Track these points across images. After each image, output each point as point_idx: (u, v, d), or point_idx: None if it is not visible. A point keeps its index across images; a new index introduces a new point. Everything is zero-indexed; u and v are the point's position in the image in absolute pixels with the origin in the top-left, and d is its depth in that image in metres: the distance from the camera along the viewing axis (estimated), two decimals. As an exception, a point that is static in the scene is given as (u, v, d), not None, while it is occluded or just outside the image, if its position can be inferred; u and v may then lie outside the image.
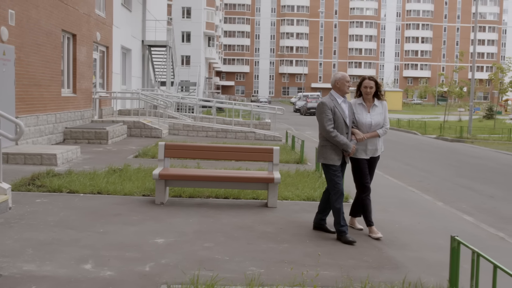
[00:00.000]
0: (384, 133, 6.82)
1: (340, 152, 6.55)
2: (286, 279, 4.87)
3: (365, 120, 6.71)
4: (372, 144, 6.77)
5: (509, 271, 3.77)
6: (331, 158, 6.54)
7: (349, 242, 6.35)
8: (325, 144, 6.61)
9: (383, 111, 6.82)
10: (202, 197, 8.67)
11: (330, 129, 6.44)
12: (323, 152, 6.62)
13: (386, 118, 6.84)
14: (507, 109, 69.70)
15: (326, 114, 6.48)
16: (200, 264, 5.31)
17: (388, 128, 6.90)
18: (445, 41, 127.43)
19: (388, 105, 43.82)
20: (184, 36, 64.97)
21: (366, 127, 6.70)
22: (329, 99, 6.60)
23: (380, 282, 4.87)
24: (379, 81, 6.89)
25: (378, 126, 6.74)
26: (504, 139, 27.11)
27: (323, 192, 7.00)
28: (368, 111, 6.76)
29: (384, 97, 6.93)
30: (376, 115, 6.75)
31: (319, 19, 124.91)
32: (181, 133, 21.62)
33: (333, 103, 6.54)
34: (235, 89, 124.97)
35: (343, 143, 6.44)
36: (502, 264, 5.69)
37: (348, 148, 6.48)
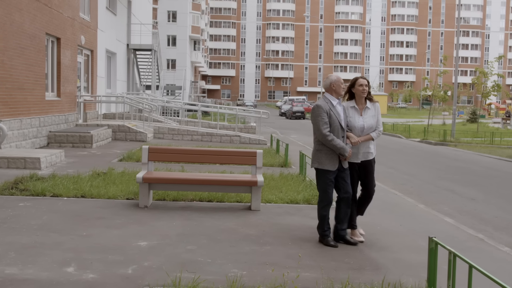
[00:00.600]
0: (377, 136, 6.68)
1: (335, 157, 6.34)
2: (268, 280, 4.93)
3: (358, 123, 6.55)
4: (364, 148, 6.62)
5: (484, 270, 3.85)
6: (326, 163, 6.34)
7: (330, 245, 6.35)
8: (320, 149, 6.40)
9: (376, 114, 6.67)
10: (186, 200, 8.70)
11: (326, 133, 6.23)
12: (318, 157, 6.41)
13: (379, 121, 6.69)
14: (490, 113, 70.41)
15: (322, 117, 6.28)
16: (182, 266, 5.34)
17: (381, 131, 6.76)
18: (430, 46, 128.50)
19: (373, 109, 44.41)
20: (170, 40, 64.93)
21: (358, 130, 6.55)
22: (324, 102, 6.39)
23: (360, 283, 4.94)
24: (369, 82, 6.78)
25: (370, 129, 6.60)
26: (487, 142, 27.44)
27: (336, 202, 6.61)
28: (361, 114, 6.61)
29: (375, 99, 6.77)
30: (369, 118, 6.60)
31: (305, 23, 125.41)
32: (166, 136, 21.62)
33: (328, 105, 6.35)
34: (221, 93, 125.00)
35: (339, 147, 6.24)
36: (480, 264, 5.79)
37: (345, 152, 6.29)
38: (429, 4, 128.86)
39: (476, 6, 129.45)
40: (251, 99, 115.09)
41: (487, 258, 6.38)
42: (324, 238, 6.45)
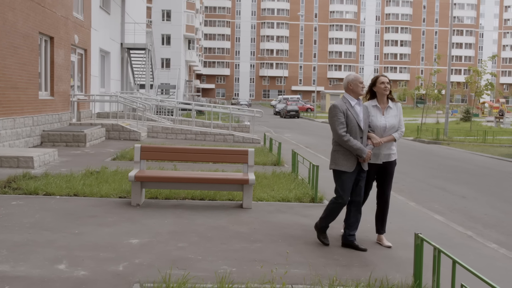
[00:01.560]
0: (400, 137, 6.49)
1: (353, 158, 6.14)
2: (257, 276, 4.99)
3: (380, 122, 6.37)
4: (386, 149, 6.44)
5: (467, 266, 3.93)
6: (343, 164, 6.16)
7: (322, 241, 6.41)
8: (337, 149, 6.24)
9: (398, 114, 6.49)
10: (178, 199, 8.76)
11: (342, 133, 6.06)
12: (335, 158, 6.25)
13: (401, 121, 6.52)
14: (484, 112, 70.67)
15: (338, 117, 6.11)
16: (173, 263, 5.41)
17: (403, 131, 6.56)
18: (424, 44, 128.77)
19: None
20: (164, 39, 64.86)
21: (380, 130, 6.37)
22: (341, 102, 6.23)
23: (348, 279, 5.02)
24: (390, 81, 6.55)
25: (393, 129, 6.42)
26: (479, 141, 27.58)
27: (346, 205, 6.42)
28: (383, 113, 6.43)
29: (396, 99, 6.57)
30: (391, 118, 6.41)
31: (299, 22, 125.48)
32: (160, 135, 21.66)
33: (346, 105, 6.17)
34: (216, 92, 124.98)
35: (356, 148, 6.04)
36: (466, 260, 5.91)
37: (362, 154, 6.07)
38: (423, 3, 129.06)
39: (470, 5, 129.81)
40: (245, 98, 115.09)
41: (474, 255, 6.47)
42: (321, 231, 6.43)
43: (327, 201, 9.20)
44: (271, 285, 4.65)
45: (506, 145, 26.37)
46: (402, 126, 6.51)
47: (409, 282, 4.83)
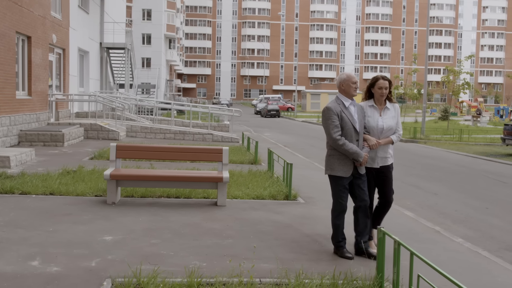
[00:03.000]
0: (397, 139, 6.22)
1: (350, 162, 5.88)
2: (226, 271, 5.14)
3: (377, 124, 6.09)
4: (383, 152, 6.16)
5: (423, 257, 4.10)
6: (339, 170, 5.88)
7: (346, 257, 5.92)
8: (332, 154, 5.95)
9: (396, 115, 6.20)
10: (154, 197, 8.87)
11: (337, 137, 5.80)
12: (330, 163, 5.96)
13: (399, 123, 6.24)
14: (462, 111, 71.56)
15: (332, 120, 5.83)
16: (145, 259, 5.53)
17: (401, 134, 6.29)
18: (404, 44, 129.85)
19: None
20: (145, 38, 64.62)
21: (377, 131, 6.10)
22: (335, 103, 5.95)
23: (314, 272, 5.17)
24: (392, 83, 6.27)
25: (390, 131, 6.14)
26: (455, 139, 28.01)
27: (353, 212, 6.11)
28: (380, 114, 6.15)
29: (395, 100, 6.32)
30: (389, 119, 6.13)
31: (280, 21, 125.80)
32: (139, 135, 21.70)
33: (340, 107, 5.89)
34: (197, 91, 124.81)
35: (352, 151, 5.78)
36: (431, 254, 6.12)
37: (359, 157, 5.81)
38: (403, 3, 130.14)
39: (449, 6, 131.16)
40: (227, 97, 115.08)
41: (439, 249, 6.68)
42: (339, 249, 6.01)
43: (301, 199, 9.40)
44: (239, 279, 4.79)
45: (481, 143, 26.82)
46: (400, 128, 6.25)
47: (373, 275, 5.00)
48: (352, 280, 4.87)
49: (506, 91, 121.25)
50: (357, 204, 6.02)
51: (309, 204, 9.02)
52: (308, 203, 9.06)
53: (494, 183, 13.78)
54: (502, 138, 22.51)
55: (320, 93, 78.34)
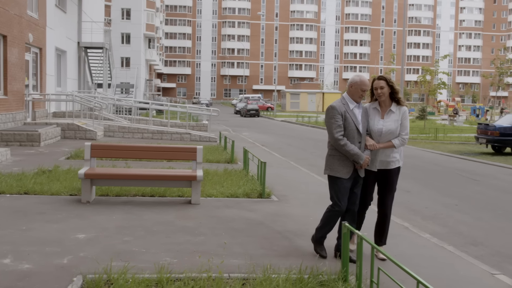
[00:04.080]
0: (401, 144, 5.95)
1: (350, 164, 5.77)
2: (196, 266, 5.25)
3: (376, 126, 5.95)
4: (384, 155, 5.99)
5: (383, 250, 4.26)
6: (338, 170, 5.77)
7: (320, 254, 5.99)
8: (333, 154, 5.84)
9: (400, 118, 5.96)
10: (129, 196, 8.94)
11: (338, 137, 5.68)
12: (331, 163, 5.85)
13: (404, 126, 5.97)
14: (440, 110, 72.44)
15: (335, 119, 5.71)
16: (117, 256, 5.62)
17: (407, 139, 6.01)
18: (383, 44, 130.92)
19: (326, 106, 44.66)
20: (124, 38, 64.32)
21: (376, 134, 5.96)
22: (340, 103, 5.81)
23: (281, 267, 5.31)
24: (392, 81, 6.04)
25: (391, 135, 5.93)
26: (431, 138, 28.41)
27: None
28: (382, 116, 6.00)
29: (404, 102, 6.07)
30: (390, 122, 5.93)
31: (260, 21, 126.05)
32: (117, 135, 21.67)
33: (344, 107, 5.77)
34: (177, 91, 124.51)
35: (353, 153, 5.66)
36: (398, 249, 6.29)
37: (359, 159, 5.69)
38: (382, 3, 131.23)
39: (427, 6, 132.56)
40: (207, 97, 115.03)
41: (406, 244, 6.87)
42: (318, 243, 6.03)
43: (275, 197, 9.55)
44: (207, 274, 4.90)
45: (456, 142, 27.26)
46: (406, 132, 5.98)
47: (338, 269, 5.15)
48: (318, 275, 5.01)
49: (483, 91, 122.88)
50: (347, 206, 5.92)
51: (282, 202, 9.17)
52: (281, 201, 9.21)
53: (466, 181, 14.06)
54: (476, 137, 22.93)
55: (299, 93, 78.74)
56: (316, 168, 14.83)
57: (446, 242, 7.35)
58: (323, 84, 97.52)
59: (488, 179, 14.43)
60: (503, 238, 8.07)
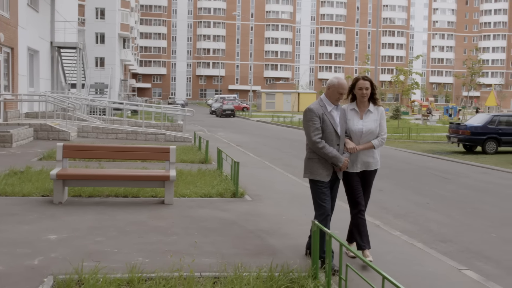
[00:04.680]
0: (380, 144, 5.95)
1: (329, 167, 5.69)
2: (167, 266, 5.28)
3: (356, 127, 5.88)
4: (364, 156, 5.95)
5: (349, 246, 4.34)
6: (318, 173, 5.69)
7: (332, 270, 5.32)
8: (312, 157, 5.75)
9: (379, 118, 5.97)
10: (102, 196, 8.91)
11: (316, 140, 5.59)
12: (310, 166, 5.76)
13: (382, 127, 5.98)
14: (414, 110, 73.28)
15: (313, 122, 5.62)
16: (88, 256, 5.62)
17: (385, 139, 6.02)
18: (358, 45, 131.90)
19: (302, 107, 44.96)
20: (98, 38, 63.75)
21: (356, 135, 5.89)
22: (317, 105, 5.72)
23: (252, 265, 5.36)
24: (374, 83, 6.01)
25: (371, 135, 5.91)
26: (404, 137, 28.77)
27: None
28: (361, 117, 5.94)
29: (380, 102, 6.07)
30: (370, 122, 5.91)
31: (236, 21, 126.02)
32: (91, 135, 21.52)
33: (322, 109, 5.69)
34: (152, 91, 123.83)
35: (331, 155, 5.59)
36: (370, 245, 6.33)
37: (338, 162, 5.63)
38: (357, 4, 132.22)
39: (401, 7, 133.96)
40: (182, 97, 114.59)
41: (377, 241, 6.96)
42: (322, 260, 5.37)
43: (248, 196, 9.60)
44: (179, 273, 4.93)
45: (428, 141, 27.65)
46: (384, 132, 5.99)
47: (308, 266, 5.23)
48: (288, 272, 5.08)
49: (456, 91, 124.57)
50: None
51: (255, 201, 9.23)
52: (255, 201, 9.27)
53: (438, 179, 14.29)
54: (448, 136, 23.31)
55: (275, 93, 78.97)
56: (291, 168, 14.93)
57: (416, 239, 7.49)
58: (298, 84, 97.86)
59: (459, 178, 14.68)
60: (472, 235, 8.24)
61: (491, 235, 8.22)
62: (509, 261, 6.83)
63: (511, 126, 22.04)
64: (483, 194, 12.15)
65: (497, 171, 16.31)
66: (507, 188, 13.10)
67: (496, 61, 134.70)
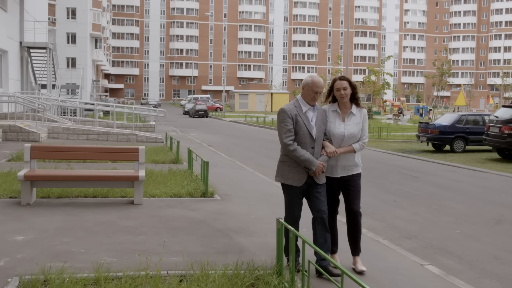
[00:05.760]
0: (361, 148, 5.69)
1: (302, 171, 5.40)
2: (134, 264, 5.32)
3: (338, 130, 5.58)
4: (345, 160, 5.65)
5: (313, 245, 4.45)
6: (289, 177, 5.45)
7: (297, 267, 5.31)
8: (284, 160, 5.51)
9: (361, 121, 5.68)
10: (71, 197, 8.89)
11: (288, 142, 5.34)
12: (282, 169, 5.53)
13: (364, 130, 5.71)
14: (386, 110, 74.10)
15: (285, 123, 5.37)
16: (55, 257, 5.63)
17: (366, 142, 5.77)
18: (330, 45, 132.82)
19: (275, 107, 45.04)
20: (70, 38, 63.03)
21: (338, 139, 5.59)
22: (292, 106, 5.47)
23: (218, 263, 5.44)
24: (354, 82, 5.73)
25: (353, 139, 5.62)
26: (375, 137, 29.12)
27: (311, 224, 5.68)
28: (343, 119, 5.64)
29: (362, 104, 5.81)
30: (352, 125, 5.62)
31: (209, 22, 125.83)
32: (61, 136, 21.34)
33: (296, 110, 5.42)
34: (125, 92, 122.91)
35: (304, 159, 5.30)
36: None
37: (311, 166, 5.32)
38: (329, 5, 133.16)
39: (373, 8, 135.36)
40: (155, 98, 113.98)
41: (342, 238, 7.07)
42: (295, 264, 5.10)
43: (218, 196, 9.67)
44: (145, 272, 4.98)
45: (399, 140, 28.06)
46: (366, 136, 5.73)
47: (273, 263, 5.32)
48: (254, 269, 5.16)
49: (427, 91, 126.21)
50: (314, 215, 5.57)
51: (225, 200, 9.30)
52: (224, 200, 9.34)
53: (406, 178, 14.53)
54: (417, 135, 23.70)
55: (248, 93, 79.09)
56: (262, 167, 15.04)
57: (381, 236, 7.64)
58: (271, 84, 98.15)
59: (426, 176, 14.94)
60: (436, 231, 8.43)
61: (455, 231, 8.42)
62: (470, 255, 7.02)
63: (478, 125, 22.51)
64: (449, 191, 12.41)
65: (464, 169, 16.65)
66: (473, 186, 13.39)
67: (465, 62, 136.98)
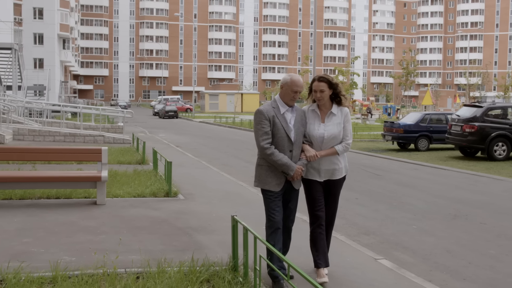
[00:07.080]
0: (344, 150, 5.35)
1: (280, 175, 5.16)
2: (92, 263, 5.40)
3: (317, 132, 5.28)
4: (328, 164, 5.34)
5: (263, 239, 4.60)
6: (267, 182, 5.20)
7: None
8: (261, 164, 5.26)
9: (342, 121, 5.33)
10: (33, 198, 8.90)
11: (264, 145, 5.08)
12: (259, 174, 5.28)
13: (347, 130, 5.36)
14: (355, 109, 74.92)
15: (262, 125, 5.10)
16: (14, 257, 5.66)
17: (350, 143, 5.42)
18: (300, 46, 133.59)
19: (245, 107, 45.15)
20: (37, 38, 62.27)
21: (318, 141, 5.29)
22: (269, 107, 5.18)
23: (174, 260, 5.55)
24: (336, 82, 5.38)
25: (334, 140, 5.29)
26: (343, 136, 29.47)
27: None
28: (322, 120, 5.33)
29: (346, 103, 5.41)
30: (332, 126, 5.29)
31: (179, 22, 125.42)
32: (27, 138, 21.13)
33: (274, 111, 5.15)
34: (94, 93, 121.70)
35: (281, 163, 5.05)
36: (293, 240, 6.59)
37: (289, 170, 5.08)
38: (299, 5, 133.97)
39: (342, 9, 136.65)
40: (125, 99, 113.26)
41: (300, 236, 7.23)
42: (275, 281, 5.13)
43: (181, 195, 9.77)
44: (103, 270, 5.07)
45: (366, 139, 28.44)
46: (349, 137, 5.38)
47: (227, 259, 5.47)
48: (210, 266, 5.30)
49: (396, 91, 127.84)
50: (283, 222, 5.37)
51: (188, 200, 9.41)
52: (187, 199, 9.45)
53: (369, 176, 14.81)
54: (383, 134, 24.10)
55: (218, 94, 79.17)
56: (228, 167, 15.17)
57: (340, 232, 7.83)
58: (242, 85, 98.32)
59: (390, 174, 15.25)
60: (394, 227, 8.67)
61: (412, 227, 8.66)
62: (424, 250, 7.25)
63: (441, 124, 22.99)
64: (410, 189, 12.71)
65: (426, 167, 17.01)
66: (434, 183, 13.72)
67: (433, 62, 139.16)
